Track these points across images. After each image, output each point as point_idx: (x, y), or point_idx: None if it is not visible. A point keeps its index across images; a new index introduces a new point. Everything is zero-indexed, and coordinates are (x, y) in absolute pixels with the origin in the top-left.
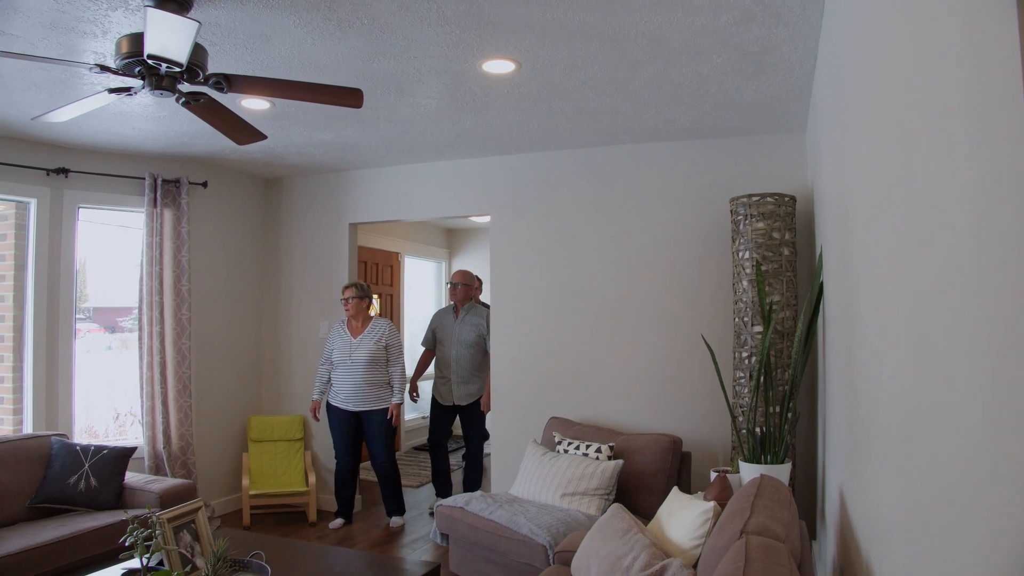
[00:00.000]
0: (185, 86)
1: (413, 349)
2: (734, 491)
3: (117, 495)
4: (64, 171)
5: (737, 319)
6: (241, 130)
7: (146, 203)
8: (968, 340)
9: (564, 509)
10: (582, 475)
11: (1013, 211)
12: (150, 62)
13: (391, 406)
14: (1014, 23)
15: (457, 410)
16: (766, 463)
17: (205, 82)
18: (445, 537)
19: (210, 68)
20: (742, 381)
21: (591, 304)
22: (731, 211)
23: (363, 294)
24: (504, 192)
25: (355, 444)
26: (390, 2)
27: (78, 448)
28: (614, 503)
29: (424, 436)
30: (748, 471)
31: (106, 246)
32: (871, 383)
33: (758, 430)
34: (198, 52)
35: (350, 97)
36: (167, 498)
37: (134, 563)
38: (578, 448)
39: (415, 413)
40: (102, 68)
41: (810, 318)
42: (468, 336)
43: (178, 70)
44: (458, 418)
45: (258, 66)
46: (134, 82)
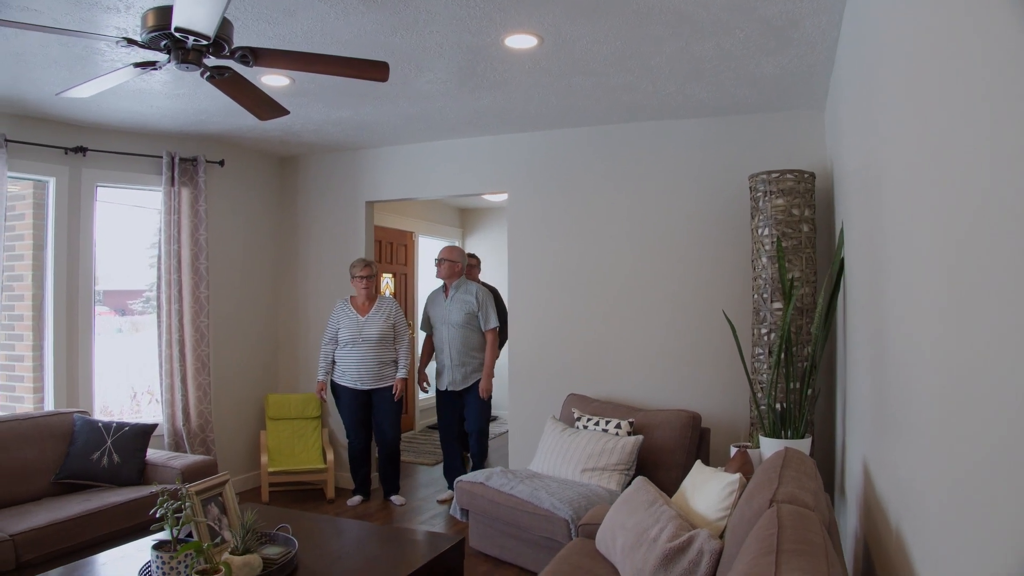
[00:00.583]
0: (211, 60)
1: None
2: (754, 466)
3: (139, 471)
4: (82, 150)
5: (756, 296)
6: (264, 105)
7: (164, 181)
8: (1013, 305)
9: (585, 484)
10: (602, 451)
11: None
12: (177, 35)
13: (396, 381)
14: None
15: (457, 395)
16: (786, 438)
17: (231, 56)
18: (465, 513)
19: (235, 42)
20: (761, 357)
21: (609, 281)
22: (750, 188)
23: (375, 273)
24: (521, 170)
25: (367, 422)
26: None
27: (100, 425)
28: (638, 476)
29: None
30: (769, 446)
31: (115, 229)
32: (903, 355)
33: (778, 406)
34: (224, 25)
35: (376, 70)
36: (189, 474)
37: (164, 535)
38: (597, 424)
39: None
40: (128, 41)
41: (831, 294)
42: (457, 316)
43: (205, 43)
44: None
45: (280, 41)
46: (159, 56)
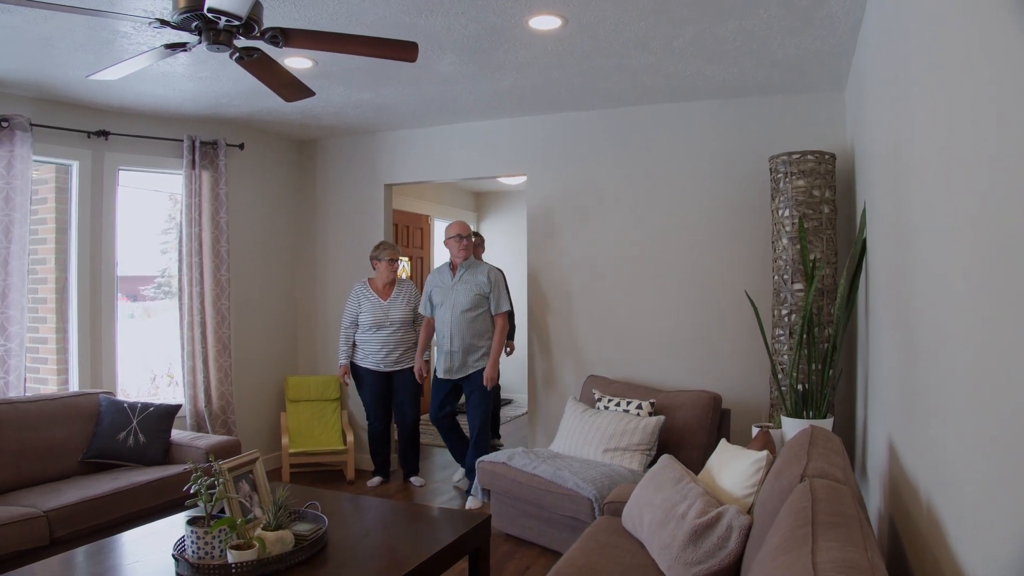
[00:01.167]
0: (240, 41)
1: None
2: (776, 446)
3: (164, 451)
4: (105, 134)
5: (777, 277)
6: (291, 86)
7: (184, 165)
8: None
9: (607, 464)
10: (624, 431)
11: None
12: (209, 15)
13: (420, 364)
14: None
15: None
16: (808, 419)
17: (261, 36)
18: (487, 493)
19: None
20: (781, 338)
21: (628, 262)
22: (770, 169)
23: (399, 256)
24: (541, 152)
25: (387, 404)
26: None
27: (126, 405)
28: (663, 454)
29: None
30: (791, 426)
31: (126, 215)
32: (934, 332)
33: (800, 387)
34: (255, 6)
35: (405, 50)
36: (213, 454)
37: (198, 511)
38: (619, 405)
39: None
40: (161, 22)
41: (852, 274)
42: (464, 298)
43: (236, 23)
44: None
45: (305, 23)
46: (190, 37)
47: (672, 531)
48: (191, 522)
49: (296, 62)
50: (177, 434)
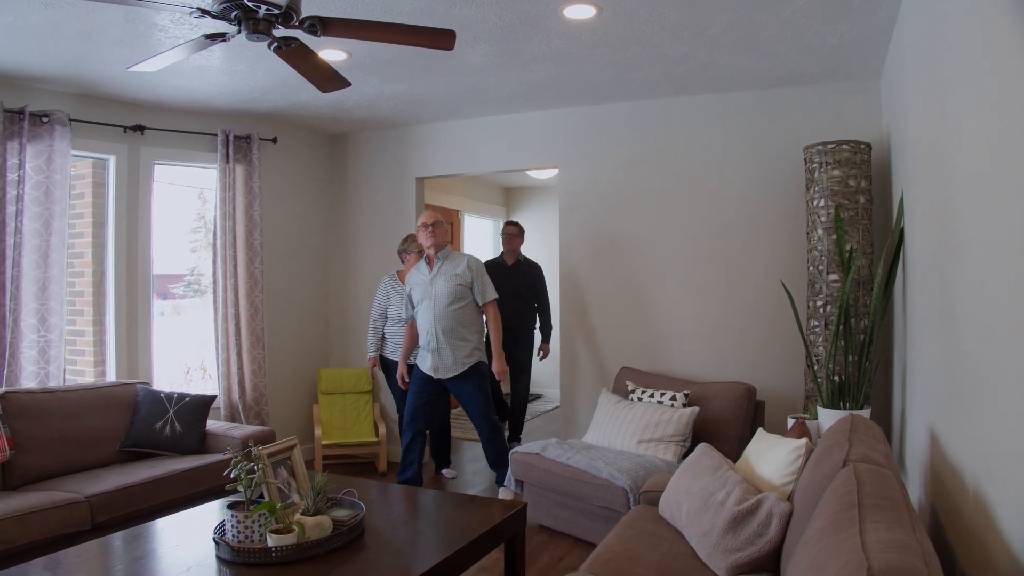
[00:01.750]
0: (279, 30)
1: None
2: (812, 437)
3: (200, 440)
4: (140, 128)
5: (812, 268)
6: (327, 77)
7: (219, 159)
8: None
9: (641, 455)
10: (658, 422)
11: None
12: (249, 4)
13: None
14: None
15: (447, 386)
16: (845, 409)
17: (300, 25)
18: (520, 484)
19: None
20: (816, 330)
21: (660, 255)
22: (805, 159)
23: None
24: (572, 144)
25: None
26: None
27: (162, 395)
28: (701, 443)
29: None
30: (827, 416)
31: (159, 214)
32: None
33: (836, 378)
34: None
35: (443, 38)
36: (253, 439)
37: (237, 496)
38: (652, 396)
39: None
40: (202, 12)
41: (890, 264)
42: (445, 290)
43: (276, 12)
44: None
45: (341, 14)
46: (229, 27)
47: (711, 518)
48: (231, 506)
49: (331, 54)
50: (212, 424)
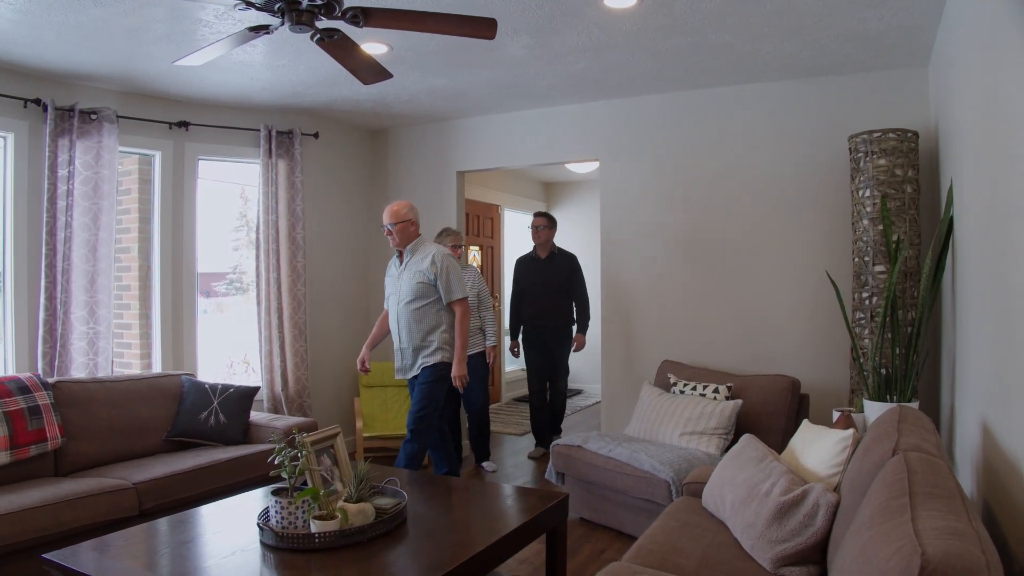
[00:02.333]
0: (322, 22)
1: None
2: (859, 430)
3: (243, 431)
4: (185, 124)
5: (857, 259)
6: (369, 69)
7: (261, 154)
8: None
9: (684, 448)
10: (700, 414)
11: None
12: None
13: (487, 348)
14: None
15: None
16: (893, 402)
17: (342, 16)
18: (561, 476)
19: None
20: (862, 322)
21: (701, 247)
22: (850, 149)
23: (462, 242)
24: (612, 137)
25: (455, 391)
26: None
27: (207, 386)
28: (745, 434)
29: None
30: (874, 409)
31: (202, 212)
32: None
33: (883, 371)
34: None
35: (484, 27)
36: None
37: (281, 483)
38: (694, 389)
39: (515, 365)
40: (246, 3)
41: (938, 254)
42: (407, 287)
43: (319, 3)
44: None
45: (382, 5)
46: (272, 19)
47: (756, 509)
48: (275, 493)
49: (372, 48)
50: (255, 416)
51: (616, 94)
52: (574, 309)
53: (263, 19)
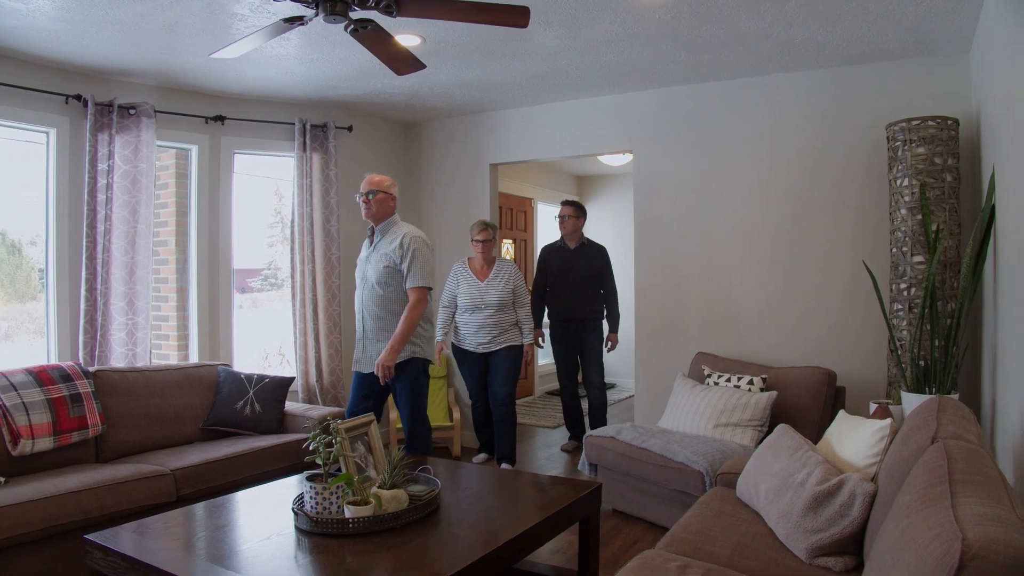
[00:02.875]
0: (356, 12)
1: None
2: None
3: (278, 421)
4: (221, 118)
5: (894, 249)
6: (402, 59)
7: (296, 147)
8: None
9: (717, 439)
10: (735, 406)
11: None
12: None
13: (525, 346)
14: None
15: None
16: (931, 394)
17: (375, 6)
18: (593, 468)
19: None
20: (899, 313)
21: (736, 239)
22: (887, 137)
23: (495, 236)
24: (646, 128)
25: (487, 384)
26: None
27: (243, 376)
28: (780, 424)
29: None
30: (912, 401)
31: (237, 209)
32: None
33: (921, 363)
34: None
35: (517, 16)
36: (332, 415)
37: (316, 470)
38: (729, 380)
39: (548, 359)
40: None
41: (979, 244)
42: (372, 270)
43: None
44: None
45: None
46: (306, 10)
47: (791, 499)
48: (310, 478)
49: (405, 39)
50: (290, 406)
51: (649, 85)
52: (603, 304)
53: (297, 10)
